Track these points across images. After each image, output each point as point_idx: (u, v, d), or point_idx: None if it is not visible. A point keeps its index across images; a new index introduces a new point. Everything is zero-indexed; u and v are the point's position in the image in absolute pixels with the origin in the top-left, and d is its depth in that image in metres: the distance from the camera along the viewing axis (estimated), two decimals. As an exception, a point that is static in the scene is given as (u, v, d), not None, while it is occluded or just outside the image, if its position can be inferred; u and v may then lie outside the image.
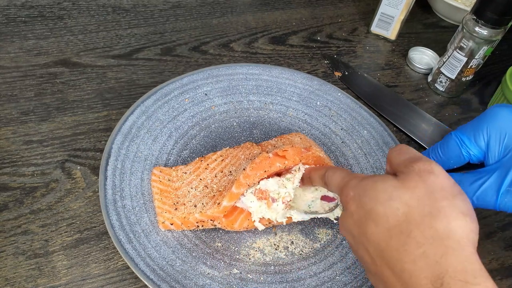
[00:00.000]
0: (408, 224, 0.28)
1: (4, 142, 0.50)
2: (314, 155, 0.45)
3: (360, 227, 0.31)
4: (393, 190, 0.30)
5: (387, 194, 0.30)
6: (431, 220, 0.28)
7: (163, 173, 0.47)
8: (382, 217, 0.29)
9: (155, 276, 0.40)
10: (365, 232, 0.30)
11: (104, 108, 0.56)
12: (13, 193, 0.46)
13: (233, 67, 0.61)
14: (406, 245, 0.28)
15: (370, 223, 0.30)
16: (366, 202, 0.31)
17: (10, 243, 0.43)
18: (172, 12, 0.72)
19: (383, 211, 0.29)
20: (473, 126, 0.40)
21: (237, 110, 0.57)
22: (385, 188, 0.30)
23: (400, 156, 0.32)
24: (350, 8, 0.80)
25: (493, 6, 0.55)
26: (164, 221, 0.44)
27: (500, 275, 0.47)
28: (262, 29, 0.72)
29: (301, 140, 0.51)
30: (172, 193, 0.46)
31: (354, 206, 0.32)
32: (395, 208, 0.29)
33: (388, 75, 0.69)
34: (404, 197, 0.29)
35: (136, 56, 0.63)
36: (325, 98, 0.60)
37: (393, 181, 0.30)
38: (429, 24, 0.81)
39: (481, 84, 0.70)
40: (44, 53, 0.61)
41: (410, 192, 0.29)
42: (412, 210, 0.28)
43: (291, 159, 0.43)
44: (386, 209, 0.29)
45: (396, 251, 0.28)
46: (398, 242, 0.28)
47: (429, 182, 0.29)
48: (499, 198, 0.37)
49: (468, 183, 0.38)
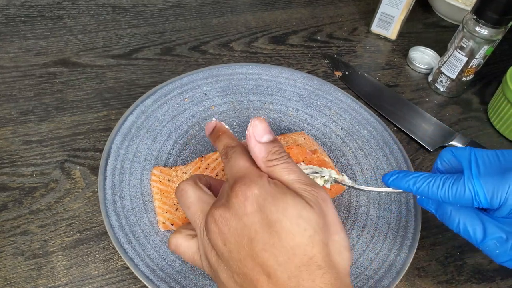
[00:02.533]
0: (312, 248, 0.28)
1: (4, 142, 0.50)
2: (319, 158, 0.45)
3: (250, 232, 0.29)
4: (302, 209, 0.29)
5: (296, 211, 0.29)
6: (328, 249, 0.29)
7: (163, 173, 0.47)
8: (287, 233, 0.28)
9: (155, 277, 0.40)
10: (253, 239, 0.29)
11: (104, 108, 0.56)
12: (12, 193, 0.46)
13: (233, 66, 0.60)
14: (307, 266, 0.28)
15: (269, 234, 0.29)
16: (272, 211, 0.29)
17: (9, 243, 0.43)
18: (172, 11, 0.72)
19: (290, 228, 0.28)
20: (493, 183, 0.34)
21: (237, 110, 0.57)
22: (295, 204, 0.29)
23: (294, 174, 0.31)
24: (350, 7, 0.80)
25: (493, 6, 0.55)
26: (164, 221, 0.43)
27: (500, 275, 0.47)
28: (262, 29, 0.72)
29: (304, 140, 0.51)
30: (172, 193, 0.46)
31: (253, 208, 0.29)
32: (303, 228, 0.29)
33: (389, 75, 0.69)
34: (313, 221, 0.29)
35: (136, 56, 0.63)
36: (325, 98, 0.60)
37: (303, 201, 0.30)
38: (430, 24, 0.80)
39: (482, 84, 0.70)
40: (43, 53, 0.61)
41: (317, 217, 0.29)
42: (315, 237, 0.29)
43: (294, 157, 0.43)
44: (294, 227, 0.28)
45: (296, 270, 0.28)
46: (301, 261, 0.28)
47: (329, 215, 0.30)
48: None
49: None
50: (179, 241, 0.35)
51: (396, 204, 0.49)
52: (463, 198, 0.35)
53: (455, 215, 0.36)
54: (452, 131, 0.60)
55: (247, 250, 0.29)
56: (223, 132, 0.37)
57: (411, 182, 0.37)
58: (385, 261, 0.45)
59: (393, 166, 0.53)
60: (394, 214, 0.49)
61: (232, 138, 0.36)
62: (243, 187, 0.30)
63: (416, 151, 0.58)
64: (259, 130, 0.33)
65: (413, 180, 0.37)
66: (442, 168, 0.39)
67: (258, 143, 0.32)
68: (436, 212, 0.38)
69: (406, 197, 0.50)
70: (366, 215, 0.49)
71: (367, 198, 0.50)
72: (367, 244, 0.46)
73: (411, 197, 0.50)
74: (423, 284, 0.46)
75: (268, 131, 0.33)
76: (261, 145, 0.32)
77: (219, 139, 0.36)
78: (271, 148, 0.32)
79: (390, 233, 0.47)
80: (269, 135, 0.33)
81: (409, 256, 0.45)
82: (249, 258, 0.29)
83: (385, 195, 0.50)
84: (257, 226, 0.29)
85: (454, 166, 0.38)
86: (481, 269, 0.48)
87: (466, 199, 0.35)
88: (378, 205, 0.49)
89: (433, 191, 0.36)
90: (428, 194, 0.37)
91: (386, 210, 0.49)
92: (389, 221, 0.48)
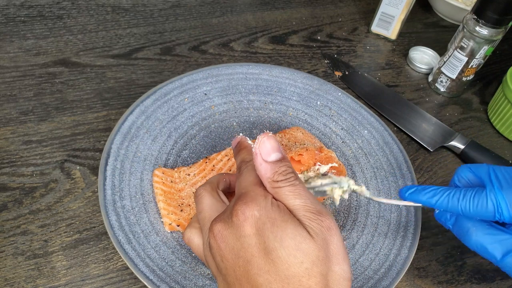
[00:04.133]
0: (308, 279, 0.28)
1: (3, 142, 0.50)
2: (327, 155, 0.45)
3: (246, 254, 0.29)
4: (302, 241, 0.28)
5: (295, 242, 0.28)
6: (326, 280, 0.29)
7: (165, 175, 0.47)
8: (283, 263, 0.28)
9: (155, 277, 0.40)
10: (249, 261, 0.29)
11: (104, 108, 0.55)
12: (12, 193, 0.46)
13: (233, 66, 0.60)
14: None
15: (265, 260, 0.28)
16: (270, 238, 0.28)
17: (10, 243, 0.42)
18: (172, 11, 0.72)
19: (286, 258, 0.28)
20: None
21: (237, 110, 0.57)
22: (295, 235, 0.28)
23: (300, 198, 0.30)
24: (350, 7, 0.80)
25: (493, 6, 0.55)
26: (170, 223, 0.43)
27: (500, 275, 0.47)
28: (262, 29, 0.72)
29: (303, 135, 0.51)
30: (175, 194, 0.46)
31: (252, 231, 0.29)
32: (299, 261, 0.28)
33: (389, 74, 0.69)
34: (312, 254, 0.28)
35: (136, 56, 0.63)
36: (325, 98, 0.60)
37: (304, 231, 0.29)
38: (430, 24, 0.80)
39: (482, 84, 0.70)
40: (43, 53, 0.61)
41: (317, 250, 0.28)
42: (313, 269, 0.28)
43: (306, 163, 0.43)
44: (290, 258, 0.28)
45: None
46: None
47: (332, 244, 0.29)
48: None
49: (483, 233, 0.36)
50: (191, 236, 0.36)
51: (396, 204, 0.49)
52: (485, 211, 0.34)
53: (472, 231, 0.36)
54: (452, 131, 0.60)
55: (242, 271, 0.29)
56: (244, 147, 0.36)
57: (430, 194, 0.37)
58: (385, 261, 0.45)
59: (393, 166, 0.53)
60: (394, 214, 0.49)
61: (250, 153, 0.35)
62: (243, 206, 0.29)
63: (416, 151, 0.58)
64: (266, 148, 0.31)
65: (432, 192, 0.37)
66: (460, 184, 0.38)
67: (264, 162, 0.31)
68: (453, 227, 0.38)
69: (406, 197, 0.50)
70: (366, 215, 0.49)
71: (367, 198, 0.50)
72: (367, 244, 0.46)
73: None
74: (423, 284, 0.46)
75: (277, 149, 0.32)
76: (267, 164, 0.31)
77: (238, 153, 0.36)
78: (277, 168, 0.31)
79: (390, 233, 0.47)
80: (277, 154, 0.32)
81: (409, 256, 0.45)
82: (244, 279, 0.29)
83: (385, 196, 0.50)
84: (254, 249, 0.29)
85: (472, 182, 0.38)
86: (481, 269, 0.48)
87: (488, 212, 0.34)
88: (378, 205, 0.49)
89: (453, 202, 0.36)
90: (448, 206, 0.36)
91: (386, 210, 0.49)
92: (389, 221, 0.48)
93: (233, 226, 0.30)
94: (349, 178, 0.39)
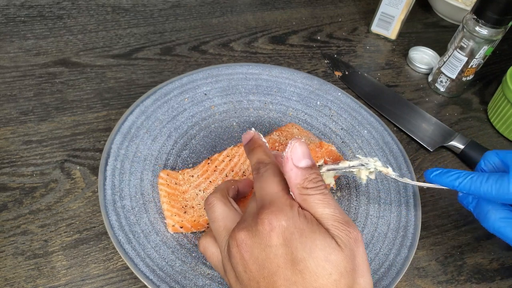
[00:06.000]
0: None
1: (3, 142, 0.50)
2: (327, 150, 0.45)
3: (272, 265, 0.28)
4: (331, 252, 0.28)
5: (323, 254, 0.28)
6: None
7: (170, 177, 0.47)
8: (311, 274, 0.27)
9: (155, 277, 0.40)
10: (275, 273, 0.28)
11: (104, 108, 0.56)
12: (12, 193, 0.46)
13: (233, 66, 0.60)
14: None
15: (292, 272, 0.28)
16: (298, 248, 0.28)
17: (10, 243, 0.43)
18: (172, 11, 0.72)
19: (315, 269, 0.28)
20: None
21: (237, 110, 0.57)
22: (324, 246, 0.28)
23: (329, 208, 0.30)
24: (350, 7, 0.80)
25: (493, 6, 0.55)
26: (174, 224, 0.43)
27: (500, 275, 0.47)
28: (262, 29, 0.72)
29: (298, 131, 0.51)
30: (179, 196, 0.46)
31: (279, 241, 0.28)
32: (328, 272, 0.28)
33: (389, 74, 0.69)
34: (340, 265, 0.28)
35: (136, 56, 0.63)
36: (325, 98, 0.60)
37: (332, 242, 0.28)
38: (430, 24, 0.80)
39: (482, 84, 0.70)
40: (43, 53, 0.61)
41: (346, 262, 0.28)
42: (341, 280, 0.28)
43: (316, 159, 0.43)
44: (319, 269, 0.28)
45: None
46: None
47: (358, 256, 0.29)
48: None
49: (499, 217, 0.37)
50: (206, 244, 0.35)
51: (396, 204, 0.49)
52: (506, 193, 0.35)
53: (492, 213, 0.37)
54: (452, 131, 0.60)
55: (267, 283, 0.28)
56: (258, 145, 0.35)
57: (453, 177, 0.38)
58: (385, 261, 0.45)
59: (393, 166, 0.53)
60: (394, 214, 0.49)
61: (267, 153, 0.35)
62: (270, 216, 0.29)
63: (416, 151, 0.58)
64: (298, 153, 0.31)
65: (456, 175, 0.38)
66: (486, 169, 0.40)
67: (295, 167, 0.31)
68: (474, 210, 0.39)
69: (406, 197, 0.50)
70: (366, 215, 0.49)
71: (367, 198, 0.50)
72: (367, 244, 0.46)
73: (411, 197, 0.50)
74: (423, 284, 0.46)
75: (307, 155, 0.31)
76: (298, 170, 0.31)
77: (253, 152, 0.35)
78: (308, 175, 0.31)
79: (390, 233, 0.47)
80: (307, 160, 0.31)
81: (409, 256, 0.45)
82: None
83: (385, 195, 0.50)
84: (280, 260, 0.28)
85: (498, 167, 0.39)
86: (481, 269, 0.48)
87: (509, 194, 0.35)
88: (378, 205, 0.49)
89: (476, 185, 0.37)
90: (470, 188, 0.37)
91: (386, 210, 0.49)
92: (389, 221, 0.48)
93: (258, 235, 0.29)
94: (376, 159, 0.40)
